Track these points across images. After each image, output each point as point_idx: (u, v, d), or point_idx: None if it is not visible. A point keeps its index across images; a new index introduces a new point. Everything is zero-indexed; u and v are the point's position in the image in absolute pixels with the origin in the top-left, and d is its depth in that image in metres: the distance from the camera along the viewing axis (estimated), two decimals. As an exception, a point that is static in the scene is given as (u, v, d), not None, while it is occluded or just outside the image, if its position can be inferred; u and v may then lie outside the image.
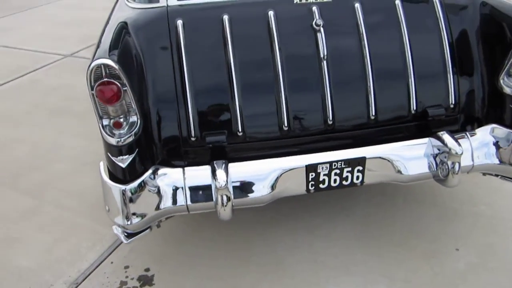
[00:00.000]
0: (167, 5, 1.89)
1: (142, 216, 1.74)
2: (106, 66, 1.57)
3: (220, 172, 1.70)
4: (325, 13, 1.88)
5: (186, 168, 1.78)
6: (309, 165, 1.81)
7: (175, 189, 1.76)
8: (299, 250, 2.18)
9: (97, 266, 2.14)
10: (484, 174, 2.10)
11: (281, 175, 1.80)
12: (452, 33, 1.97)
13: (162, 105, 1.80)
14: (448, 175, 1.85)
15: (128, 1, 2.03)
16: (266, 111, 1.84)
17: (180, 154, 1.84)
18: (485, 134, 1.95)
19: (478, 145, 1.94)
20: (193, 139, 1.81)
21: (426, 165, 1.90)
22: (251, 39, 1.85)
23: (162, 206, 1.75)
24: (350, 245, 2.20)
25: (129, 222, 1.74)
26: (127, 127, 1.70)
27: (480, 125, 2.00)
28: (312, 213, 2.41)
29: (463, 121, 2.02)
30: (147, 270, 2.11)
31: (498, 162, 1.94)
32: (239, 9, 1.88)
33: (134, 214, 1.73)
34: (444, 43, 1.94)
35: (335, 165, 1.83)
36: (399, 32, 1.92)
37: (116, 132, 1.69)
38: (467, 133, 1.96)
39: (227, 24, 1.82)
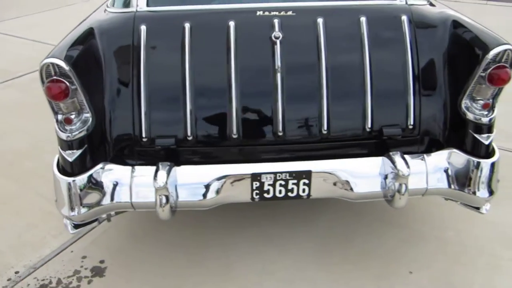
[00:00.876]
0: (136, 10, 1.98)
1: (87, 209, 1.82)
2: (56, 65, 1.66)
3: (161, 173, 1.75)
4: (286, 26, 1.90)
5: (136, 167, 1.86)
6: (253, 174, 1.83)
7: (121, 186, 1.82)
8: (251, 258, 2.20)
9: (57, 254, 2.24)
10: (446, 199, 2.05)
11: (225, 181, 1.84)
12: (418, 52, 1.94)
13: (117, 105, 1.88)
14: (394, 195, 1.83)
15: (108, 6, 2.14)
16: (217, 118, 1.88)
17: (133, 153, 1.91)
18: (442, 158, 1.91)
19: (433, 169, 1.90)
20: (144, 140, 1.87)
21: (375, 184, 1.87)
22: (209, 47, 1.89)
23: (105, 201, 1.82)
24: (303, 258, 2.20)
25: (73, 214, 1.81)
26: (78, 123, 1.78)
27: (440, 149, 1.96)
28: (275, 222, 2.42)
29: (423, 143, 1.98)
30: (101, 262, 2.18)
31: (452, 188, 1.89)
32: (201, 18, 1.94)
33: (79, 206, 1.81)
34: (407, 62, 1.91)
35: (279, 176, 1.84)
36: (360, 49, 1.90)
37: (68, 127, 1.78)
38: (425, 156, 1.92)
39: (187, 32, 1.88)
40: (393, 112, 1.93)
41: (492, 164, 1.85)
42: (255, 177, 1.83)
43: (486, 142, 1.85)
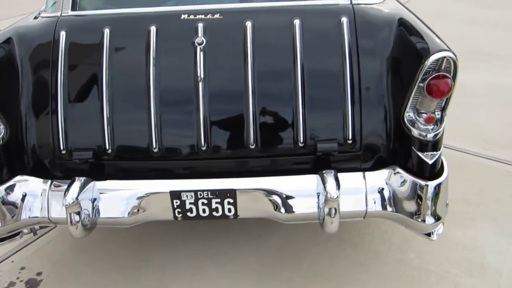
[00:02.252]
0: (60, 15, 1.89)
1: (2, 223, 1.76)
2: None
3: (72, 189, 1.66)
4: (211, 31, 1.76)
5: (55, 181, 1.78)
6: (172, 191, 1.70)
7: (37, 200, 1.75)
8: (188, 276, 2.08)
9: (-2, 263, 2.22)
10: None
11: (144, 198, 1.73)
12: (359, 57, 1.74)
13: (35, 116, 1.79)
14: (324, 219, 1.66)
15: (43, 10, 2.06)
16: (136, 130, 1.76)
17: (55, 166, 1.83)
18: (382, 178, 1.72)
19: (372, 189, 1.72)
20: (63, 152, 1.79)
21: (306, 205, 1.71)
22: (128, 55, 1.79)
23: (23, 215, 1.75)
24: (243, 281, 2.06)
25: (-10, 228, 1.76)
26: (-9, 134, 1.72)
27: (384, 166, 1.77)
28: (224, 238, 2.29)
29: (366, 159, 1.79)
30: (39, 274, 2.13)
31: (393, 211, 1.71)
32: (122, 23, 1.83)
33: (-5, 220, 1.76)
34: (345, 69, 1.72)
35: (201, 194, 1.71)
36: (292, 55, 1.74)
37: (-20, 139, 1.72)
38: (366, 174, 1.74)
39: (105, 38, 1.77)
40: (328, 126, 1.75)
41: (437, 187, 1.65)
42: (175, 195, 1.71)
43: (430, 162, 1.65)
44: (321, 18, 1.79)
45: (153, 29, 1.76)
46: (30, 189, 1.75)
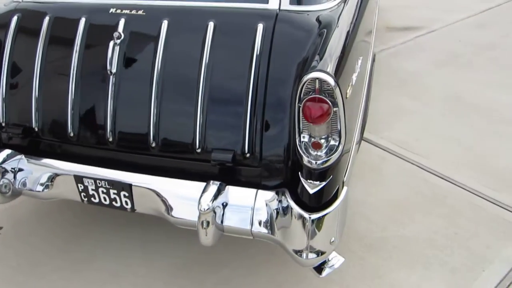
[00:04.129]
0: (22, 0, 2.07)
1: None
2: None
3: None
4: (132, 26, 1.80)
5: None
6: (76, 175, 1.81)
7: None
8: (112, 258, 2.19)
9: None
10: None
11: (55, 177, 1.86)
12: (269, 68, 1.64)
13: None
14: (198, 230, 1.62)
15: None
16: (57, 114, 1.88)
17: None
18: (268, 200, 1.61)
19: (259, 210, 1.62)
20: (3, 124, 1.98)
21: (190, 212, 1.68)
22: (59, 43, 1.90)
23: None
24: (160, 272, 2.10)
25: None
26: None
27: (281, 186, 1.64)
28: (161, 227, 2.32)
29: (266, 177, 1.68)
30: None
31: (276, 238, 1.59)
32: (61, 12, 1.94)
33: None
34: (249, 80, 1.64)
35: (99, 183, 1.79)
36: (200, 58, 1.70)
37: None
38: (259, 192, 1.64)
39: (45, 25, 1.91)
40: (226, 136, 1.68)
41: (316, 220, 1.50)
42: (79, 178, 1.81)
43: (311, 191, 1.50)
44: (236, 22, 1.71)
45: (82, 20, 1.86)
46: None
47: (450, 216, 2.32)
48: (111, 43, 1.77)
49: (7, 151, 1.89)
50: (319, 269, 1.66)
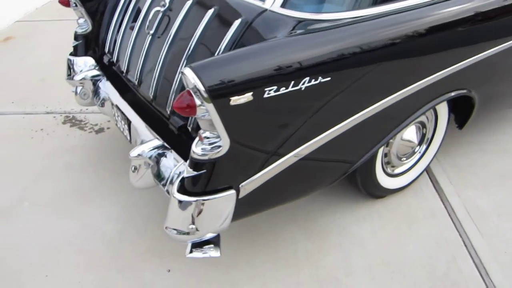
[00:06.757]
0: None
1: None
2: None
3: None
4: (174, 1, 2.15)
5: None
6: (113, 104, 2.37)
7: None
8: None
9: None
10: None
11: (107, 100, 2.48)
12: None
13: None
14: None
15: None
16: (123, 55, 2.44)
17: None
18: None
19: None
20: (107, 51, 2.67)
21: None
22: (136, 5, 2.45)
23: None
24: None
25: None
26: None
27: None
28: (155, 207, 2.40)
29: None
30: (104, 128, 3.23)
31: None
32: None
33: None
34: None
35: (119, 115, 2.32)
36: (193, 34, 1.94)
37: None
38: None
39: None
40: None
41: (179, 201, 1.61)
42: (114, 107, 2.37)
43: (185, 175, 1.62)
44: (232, 11, 1.84)
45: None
46: None
47: None
48: (155, 9, 2.18)
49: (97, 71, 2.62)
50: (195, 246, 1.72)
